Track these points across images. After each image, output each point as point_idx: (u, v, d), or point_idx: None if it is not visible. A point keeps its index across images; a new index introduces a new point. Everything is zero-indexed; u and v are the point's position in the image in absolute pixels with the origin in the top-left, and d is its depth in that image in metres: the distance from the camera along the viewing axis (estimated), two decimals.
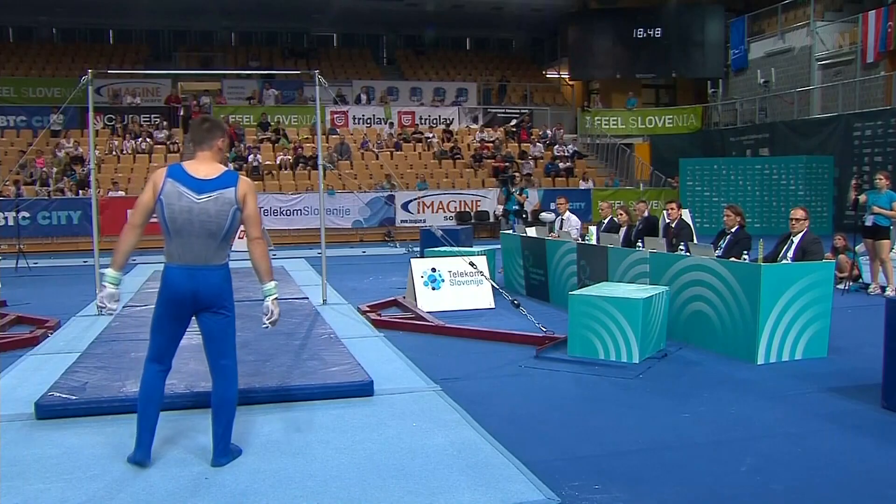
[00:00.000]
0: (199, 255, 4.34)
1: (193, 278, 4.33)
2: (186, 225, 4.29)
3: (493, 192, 22.87)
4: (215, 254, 4.38)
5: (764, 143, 24.66)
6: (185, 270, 4.33)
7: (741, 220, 8.67)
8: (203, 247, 4.33)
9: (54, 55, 29.38)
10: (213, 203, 4.31)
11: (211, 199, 4.31)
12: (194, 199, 4.29)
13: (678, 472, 4.43)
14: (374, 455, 4.59)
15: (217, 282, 4.40)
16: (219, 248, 4.39)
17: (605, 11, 30.11)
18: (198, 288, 4.34)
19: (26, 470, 4.42)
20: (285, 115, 26.97)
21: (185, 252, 4.33)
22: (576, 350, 7.21)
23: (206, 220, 4.31)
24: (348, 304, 10.08)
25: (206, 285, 4.35)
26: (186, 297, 4.35)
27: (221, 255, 4.42)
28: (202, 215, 4.30)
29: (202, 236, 4.32)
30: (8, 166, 20.89)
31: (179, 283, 4.34)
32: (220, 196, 4.33)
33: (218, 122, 4.81)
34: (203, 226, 4.31)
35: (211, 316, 4.41)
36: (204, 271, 4.35)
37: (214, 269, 4.39)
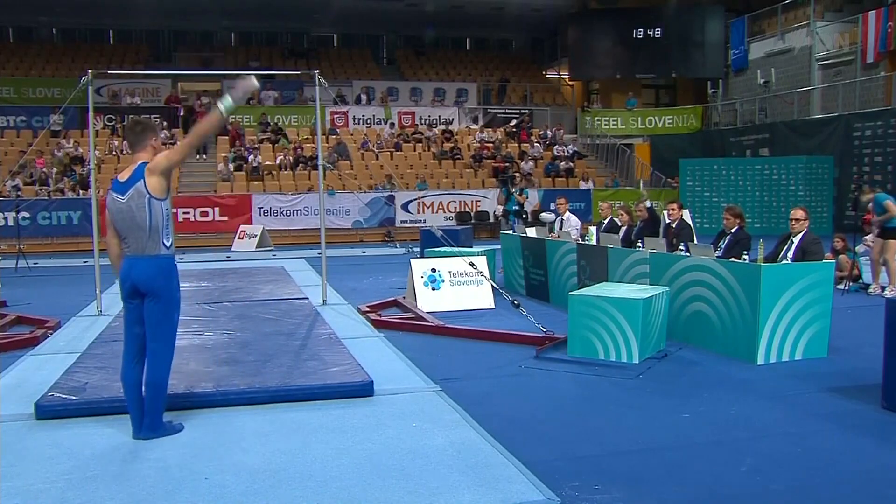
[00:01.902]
0: (135, 247, 4.84)
1: (132, 267, 4.86)
2: (121, 223, 4.84)
3: (493, 193, 22.87)
4: (147, 244, 4.83)
5: (764, 143, 24.68)
6: (128, 260, 4.89)
7: (740, 221, 8.66)
8: (136, 239, 4.82)
9: (54, 55, 29.38)
10: (132, 200, 4.78)
11: (130, 198, 4.78)
12: (120, 200, 4.82)
13: (678, 472, 4.43)
14: (374, 455, 4.59)
15: (151, 270, 4.84)
16: (149, 239, 4.82)
17: (604, 11, 30.12)
18: (135, 276, 4.84)
19: (26, 470, 4.42)
20: (285, 116, 26.96)
21: (128, 245, 4.88)
22: (576, 350, 7.21)
23: (132, 216, 4.79)
24: (348, 305, 10.08)
25: (141, 273, 4.83)
26: (127, 284, 4.89)
27: (153, 246, 4.84)
28: (128, 213, 4.80)
29: (133, 230, 4.81)
30: (8, 166, 20.90)
31: (123, 271, 4.92)
32: (134, 192, 4.78)
33: (149, 123, 5.31)
34: (132, 220, 4.79)
35: (147, 302, 4.86)
36: (140, 261, 4.84)
37: (149, 259, 4.84)
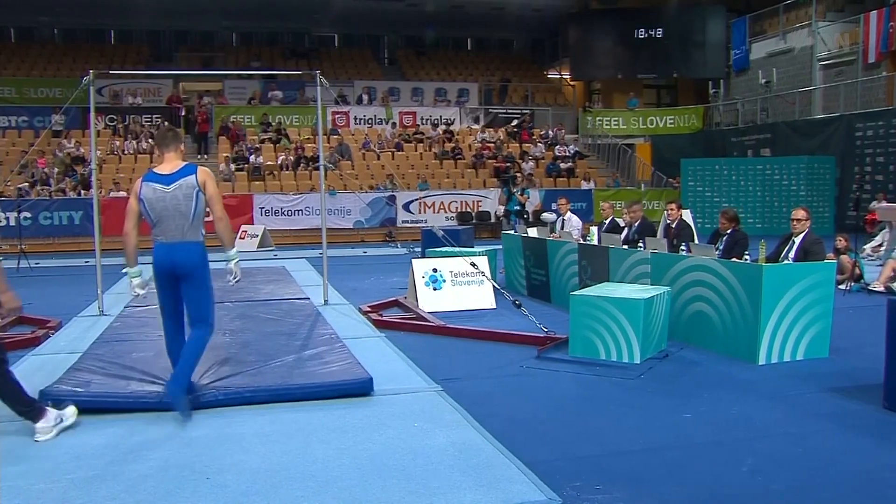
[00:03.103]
0: (175, 234, 5.37)
1: (173, 252, 5.37)
2: (163, 211, 5.34)
3: (495, 193, 22.87)
4: (188, 231, 5.39)
5: (765, 143, 24.69)
6: (165, 246, 5.39)
7: (735, 224, 8.68)
8: (178, 227, 5.36)
9: (56, 55, 29.41)
10: (180, 190, 5.35)
11: (178, 188, 5.36)
12: (164, 190, 5.36)
13: (679, 473, 4.43)
14: (375, 455, 4.59)
15: (193, 255, 5.40)
16: (191, 227, 5.40)
17: (605, 12, 30.13)
18: (177, 259, 5.36)
19: (28, 470, 4.43)
20: (286, 116, 26.98)
21: (166, 232, 5.37)
22: (577, 350, 7.21)
23: (176, 205, 5.34)
24: (349, 305, 10.08)
25: (183, 257, 5.37)
26: (166, 267, 5.38)
27: (194, 233, 5.42)
28: (172, 201, 5.34)
29: (176, 217, 5.35)
30: (9, 166, 20.92)
31: (161, 256, 5.39)
32: (183, 183, 5.37)
33: (178, 133, 6.05)
34: (176, 209, 5.35)
35: (186, 283, 5.40)
36: (182, 246, 5.37)
37: (191, 244, 5.40)
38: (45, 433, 4.91)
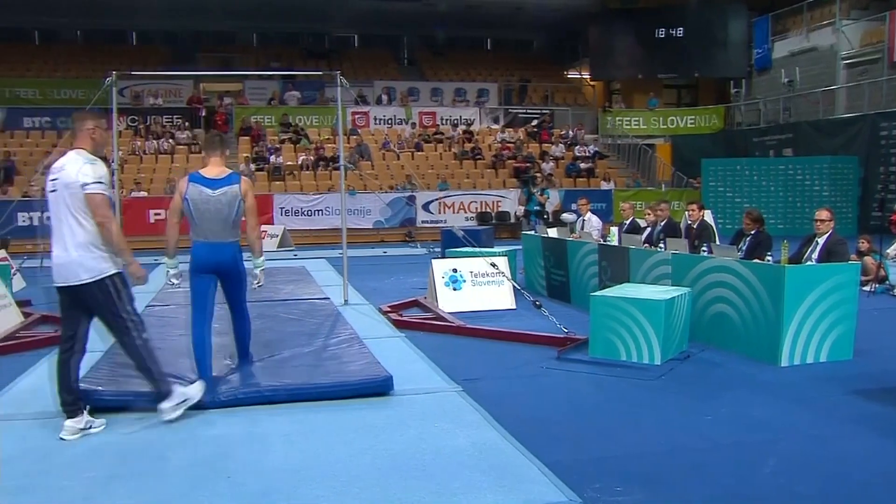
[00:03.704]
0: (217, 234, 5.83)
1: (216, 251, 5.85)
2: (206, 213, 5.77)
3: (514, 193, 22.82)
4: (229, 233, 5.88)
5: (787, 143, 24.44)
6: (207, 245, 5.83)
7: (759, 226, 8.60)
8: (221, 229, 5.83)
9: (77, 57, 29.61)
10: (224, 196, 5.81)
11: (223, 194, 5.81)
12: (210, 193, 5.78)
13: (701, 474, 4.40)
14: (395, 455, 4.59)
15: (233, 254, 5.95)
16: (231, 230, 5.89)
17: (625, 11, 29.96)
18: (220, 258, 5.87)
19: (50, 467, 4.47)
20: (306, 116, 27.07)
21: (208, 232, 5.81)
22: (597, 351, 7.18)
23: (219, 209, 5.79)
24: (369, 305, 10.08)
25: (225, 256, 5.89)
26: (210, 263, 5.85)
27: (234, 235, 5.93)
28: (216, 205, 5.79)
29: (218, 220, 5.81)
30: (33, 167, 21.11)
31: (204, 253, 5.84)
32: (228, 190, 5.83)
33: (225, 138, 6.66)
34: (218, 212, 5.79)
35: (227, 279, 5.98)
36: (224, 246, 5.87)
37: (231, 244, 5.92)
38: (72, 433, 4.95)
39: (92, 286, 4.93)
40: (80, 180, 4.87)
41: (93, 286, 4.93)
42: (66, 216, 4.93)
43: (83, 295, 4.97)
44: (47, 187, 5.03)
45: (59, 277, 4.98)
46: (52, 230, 5.02)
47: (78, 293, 4.96)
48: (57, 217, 4.98)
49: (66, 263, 4.92)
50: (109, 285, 4.98)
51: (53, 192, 4.99)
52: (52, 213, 5.02)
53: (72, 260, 4.90)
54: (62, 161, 5.04)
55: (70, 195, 4.91)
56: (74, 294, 4.98)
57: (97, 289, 4.94)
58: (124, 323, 5.06)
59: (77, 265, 4.91)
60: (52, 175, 5.02)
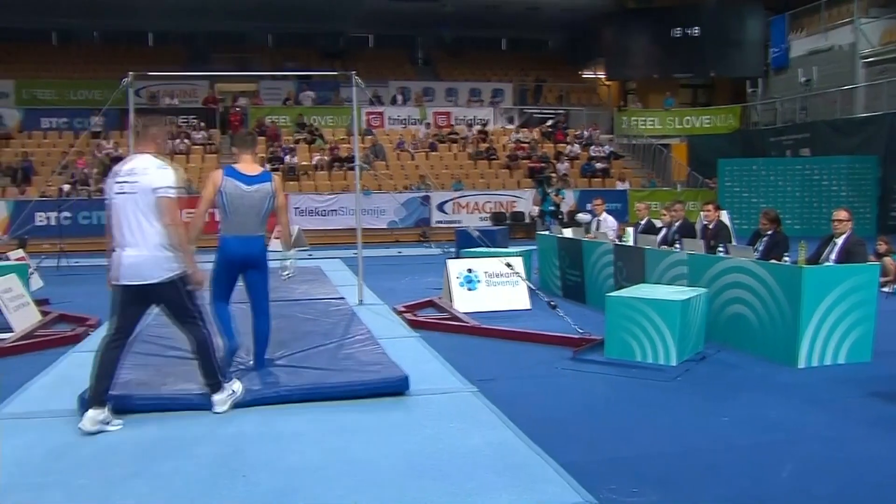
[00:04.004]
0: (248, 228, 6.03)
1: (245, 244, 6.06)
2: (241, 207, 5.97)
3: (529, 193, 22.79)
4: (258, 227, 6.12)
5: (805, 142, 24.25)
6: (239, 239, 6.05)
7: (776, 226, 8.54)
8: (252, 223, 6.05)
9: (95, 58, 29.80)
10: (257, 192, 6.04)
11: (256, 190, 6.03)
12: (245, 189, 6.00)
13: (717, 476, 4.38)
14: (411, 455, 4.59)
15: (261, 247, 6.18)
16: (261, 224, 6.13)
17: (641, 11, 29.86)
18: (250, 250, 6.08)
19: (69, 466, 4.50)
20: (321, 116, 27.12)
21: (239, 226, 6.01)
22: (613, 352, 7.15)
23: (252, 204, 6.02)
24: (384, 305, 10.09)
25: (254, 249, 6.11)
26: (238, 258, 6.08)
27: (262, 229, 6.16)
28: (250, 200, 6.01)
29: (251, 215, 6.03)
30: (51, 167, 21.28)
31: (234, 247, 6.07)
32: (261, 187, 6.06)
33: (255, 137, 7.10)
34: (251, 207, 6.02)
35: (253, 271, 6.13)
36: (253, 239, 6.09)
37: (259, 238, 6.16)
38: (92, 424, 5.01)
39: (165, 284, 5.17)
40: (152, 184, 5.11)
41: (166, 284, 5.17)
42: (140, 218, 5.13)
43: (155, 293, 5.22)
44: (113, 189, 5.20)
45: (131, 276, 5.17)
46: (120, 231, 5.19)
47: (149, 291, 5.20)
48: (127, 218, 5.15)
49: (139, 263, 5.14)
50: (179, 283, 5.23)
51: (122, 194, 5.16)
52: (121, 215, 5.17)
53: (146, 259, 5.13)
54: (132, 164, 5.23)
55: (143, 198, 5.12)
56: (144, 292, 5.21)
57: (169, 287, 5.19)
58: (193, 317, 5.34)
59: (152, 265, 5.13)
60: (121, 177, 5.19)
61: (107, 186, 5.30)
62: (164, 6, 27.95)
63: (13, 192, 21.06)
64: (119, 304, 5.31)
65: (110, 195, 5.22)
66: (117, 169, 5.29)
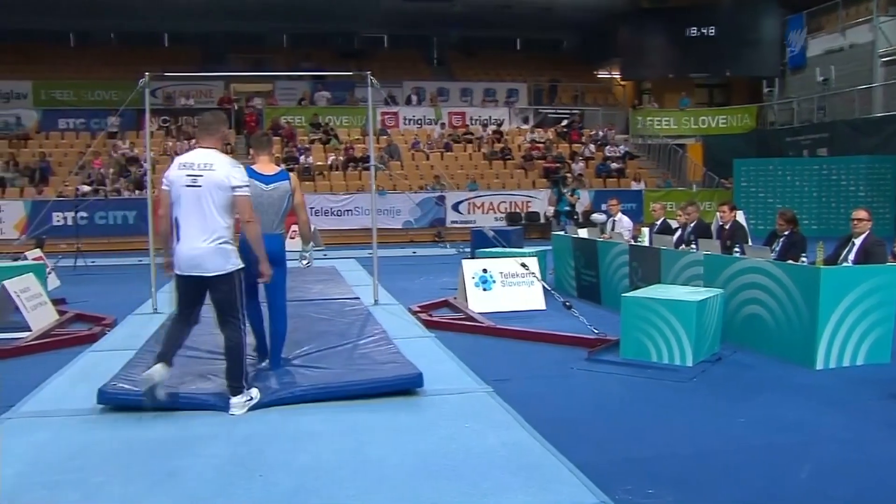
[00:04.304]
0: (267, 226, 6.01)
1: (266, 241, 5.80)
2: (260, 206, 5.92)
3: (544, 193, 22.74)
4: (277, 225, 6.27)
5: (822, 142, 24.04)
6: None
7: (793, 226, 8.47)
8: (270, 221, 6.12)
9: (111, 59, 29.92)
10: (276, 191, 6.20)
11: (275, 189, 6.19)
12: (263, 188, 6.11)
13: (733, 477, 4.35)
14: (425, 455, 4.59)
15: (281, 244, 6.29)
16: (280, 222, 6.30)
17: (657, 10, 29.71)
18: (270, 247, 5.89)
19: (86, 464, 4.52)
20: (336, 116, 27.17)
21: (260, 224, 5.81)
22: (628, 352, 7.12)
23: (272, 202, 6.17)
24: (399, 305, 10.08)
25: (274, 245, 6.07)
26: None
27: (280, 227, 6.32)
28: (269, 199, 6.15)
29: (269, 213, 6.12)
30: (68, 168, 21.42)
31: None
32: (279, 186, 6.22)
33: (272, 138, 7.04)
34: (270, 205, 6.16)
35: (275, 267, 5.93)
36: (272, 237, 6.07)
37: (278, 236, 6.27)
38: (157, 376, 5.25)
39: (223, 277, 5.35)
40: (231, 182, 5.30)
41: (223, 277, 5.35)
42: (210, 212, 5.27)
43: (212, 284, 5.39)
44: (182, 181, 5.30)
45: (192, 267, 5.33)
46: (186, 222, 5.31)
47: (207, 283, 5.38)
48: (196, 211, 5.28)
49: (202, 255, 5.29)
50: (236, 278, 5.41)
51: (193, 186, 5.28)
52: (190, 207, 5.29)
53: (210, 252, 5.29)
54: (202, 158, 5.37)
55: (218, 193, 5.28)
56: (203, 283, 5.39)
57: (226, 280, 5.37)
58: (237, 315, 5.47)
59: (214, 257, 5.30)
60: (192, 171, 5.32)
61: (171, 178, 5.38)
62: (180, 7, 28.08)
63: (31, 193, 21.20)
64: (178, 287, 5.56)
65: (177, 187, 5.32)
66: (184, 161, 5.41)
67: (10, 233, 19.41)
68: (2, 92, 26.82)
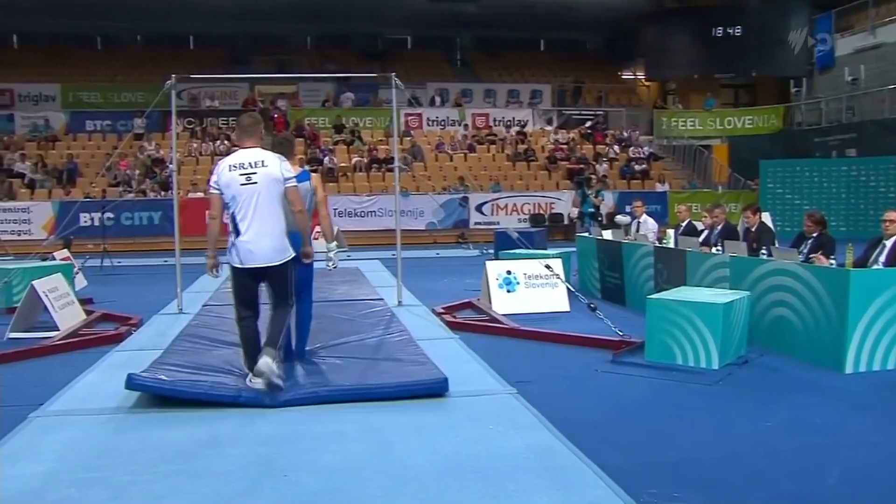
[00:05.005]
0: (292, 224, 6.00)
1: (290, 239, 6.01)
2: (286, 206, 5.93)
3: (568, 195, 22.67)
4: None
5: (851, 143, 23.73)
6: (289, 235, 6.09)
7: (822, 228, 8.37)
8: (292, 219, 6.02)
9: (138, 61, 30.21)
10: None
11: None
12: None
13: (760, 480, 4.31)
14: (450, 457, 4.58)
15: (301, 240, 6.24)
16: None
17: (682, 10, 29.49)
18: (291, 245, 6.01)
19: (114, 462, 4.56)
20: (360, 118, 27.24)
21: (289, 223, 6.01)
22: (653, 355, 7.07)
23: None
24: (423, 306, 10.09)
25: (296, 243, 6.09)
26: None
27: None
28: None
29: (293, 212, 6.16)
30: (95, 169, 21.63)
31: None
32: (301, 186, 6.13)
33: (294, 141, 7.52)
34: None
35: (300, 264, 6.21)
36: (295, 234, 6.05)
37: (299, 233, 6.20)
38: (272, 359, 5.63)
39: (281, 266, 5.77)
40: (284, 175, 5.75)
41: (281, 266, 5.77)
42: (270, 206, 5.69)
43: (269, 274, 5.77)
44: (237, 181, 5.64)
45: (253, 259, 5.68)
46: (244, 218, 5.64)
47: (266, 273, 5.76)
48: (254, 207, 5.63)
49: (263, 247, 5.67)
50: (290, 266, 5.85)
51: (249, 184, 5.63)
52: (248, 204, 5.64)
53: (269, 244, 5.69)
54: (252, 157, 5.73)
55: (274, 187, 5.70)
56: (262, 273, 5.77)
57: (282, 269, 5.78)
58: (287, 298, 5.91)
59: (273, 249, 5.71)
60: (242, 170, 5.67)
61: (224, 180, 5.67)
62: (205, 10, 28.28)
63: (59, 194, 21.45)
64: (237, 284, 5.87)
65: (233, 188, 5.63)
66: (233, 163, 5.72)
67: (38, 233, 19.66)
68: (31, 95, 27.14)
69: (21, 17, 27.96)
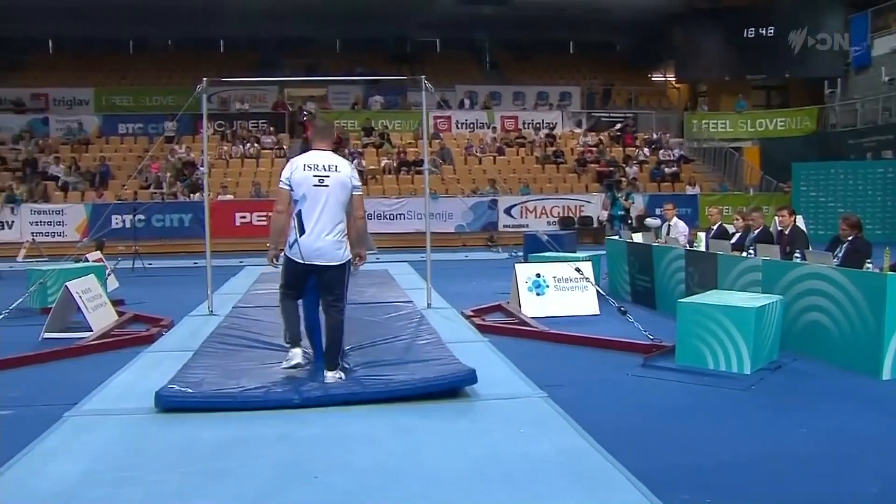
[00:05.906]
0: None
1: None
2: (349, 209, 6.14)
3: (597, 198, 22.58)
4: None
5: (887, 144, 23.33)
6: None
7: (857, 231, 8.23)
8: None
9: (168, 65, 30.57)
10: None
11: None
12: None
13: (794, 487, 4.25)
14: (479, 460, 4.56)
15: None
16: None
17: (712, 11, 29.21)
18: None
19: (145, 461, 4.60)
20: (389, 121, 27.31)
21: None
22: (684, 359, 7.00)
23: None
24: (452, 309, 10.08)
25: None
26: None
27: None
28: None
29: None
30: (126, 171, 21.89)
31: None
32: None
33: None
34: None
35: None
36: None
37: None
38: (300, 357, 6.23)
39: (339, 267, 5.97)
40: (353, 182, 6.00)
41: (339, 267, 5.97)
42: (335, 208, 5.90)
43: (328, 273, 5.98)
44: (310, 181, 5.86)
45: (316, 257, 5.90)
46: (310, 217, 5.84)
47: (325, 271, 5.97)
48: (322, 207, 5.85)
49: (325, 246, 5.88)
50: (347, 267, 6.07)
51: (321, 186, 5.85)
52: (316, 204, 5.84)
53: (332, 244, 5.89)
54: (327, 160, 5.97)
55: (342, 192, 5.92)
56: (320, 271, 5.98)
57: (340, 269, 5.99)
58: (341, 300, 6.11)
59: (335, 248, 5.91)
60: (316, 171, 5.89)
61: (297, 178, 5.87)
62: (235, 14, 28.51)
63: (91, 196, 21.73)
64: (291, 274, 6.10)
65: (305, 187, 5.83)
66: (308, 163, 5.93)
67: (72, 235, 19.93)
68: (65, 99, 27.55)
69: (56, 24, 28.45)
